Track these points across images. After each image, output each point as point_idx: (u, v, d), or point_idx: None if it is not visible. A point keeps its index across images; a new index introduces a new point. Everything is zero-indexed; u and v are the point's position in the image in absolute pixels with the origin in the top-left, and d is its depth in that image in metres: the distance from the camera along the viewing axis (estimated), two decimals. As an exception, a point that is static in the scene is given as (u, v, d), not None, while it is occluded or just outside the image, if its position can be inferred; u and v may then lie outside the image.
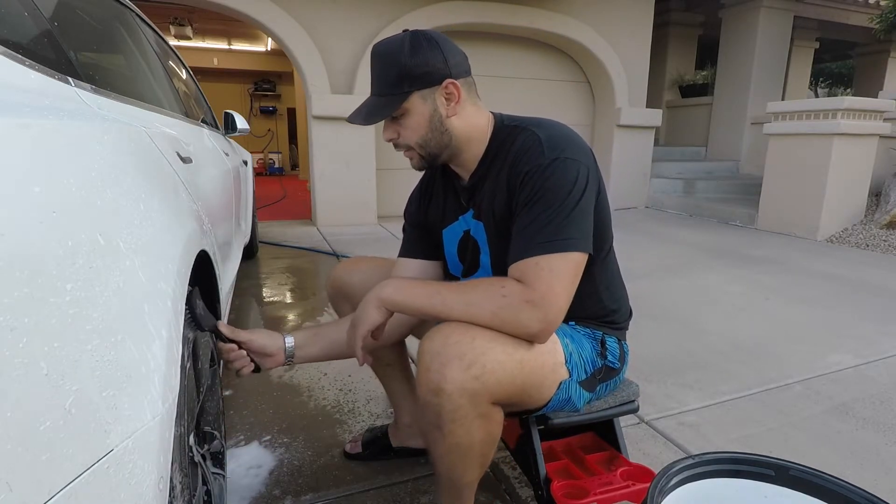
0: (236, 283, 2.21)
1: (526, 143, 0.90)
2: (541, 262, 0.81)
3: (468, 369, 0.79)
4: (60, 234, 0.48)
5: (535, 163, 0.87)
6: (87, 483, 0.43)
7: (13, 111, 0.53)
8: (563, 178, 0.85)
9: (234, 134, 2.67)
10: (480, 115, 0.97)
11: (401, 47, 0.88)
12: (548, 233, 0.83)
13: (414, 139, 0.93)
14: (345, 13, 4.51)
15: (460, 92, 0.91)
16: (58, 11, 0.91)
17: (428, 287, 0.88)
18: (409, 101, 0.90)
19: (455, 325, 0.83)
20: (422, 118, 0.91)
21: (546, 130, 0.91)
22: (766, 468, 0.78)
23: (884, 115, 4.25)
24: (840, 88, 14.13)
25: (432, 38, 0.89)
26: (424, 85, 0.89)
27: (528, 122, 0.96)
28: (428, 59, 0.88)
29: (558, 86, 5.69)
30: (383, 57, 0.90)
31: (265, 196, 7.03)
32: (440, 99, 0.91)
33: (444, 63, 0.89)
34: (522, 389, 0.86)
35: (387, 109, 0.90)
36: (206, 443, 0.98)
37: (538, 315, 0.81)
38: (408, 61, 0.87)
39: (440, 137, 0.93)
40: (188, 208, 0.96)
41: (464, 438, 0.84)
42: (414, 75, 0.88)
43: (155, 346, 0.57)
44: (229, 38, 9.18)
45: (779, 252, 3.74)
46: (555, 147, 0.88)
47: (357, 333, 0.91)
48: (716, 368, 1.88)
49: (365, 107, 0.92)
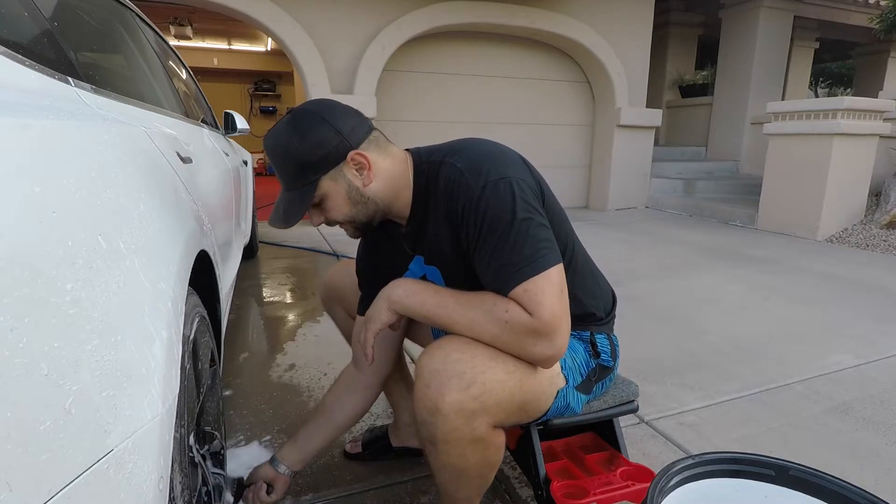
0: (236, 283, 2.21)
1: (449, 178, 0.85)
2: (529, 288, 0.78)
3: (468, 389, 0.78)
4: (60, 234, 0.48)
5: (466, 197, 0.82)
6: (87, 483, 0.43)
7: (13, 111, 0.53)
8: (500, 202, 0.80)
9: (234, 134, 2.67)
10: (397, 163, 0.91)
11: (289, 137, 0.83)
12: (517, 259, 0.79)
13: (340, 217, 0.90)
14: (345, 13, 4.50)
15: (368, 159, 0.86)
16: (58, 11, 0.91)
17: (436, 296, 0.86)
18: (321, 188, 0.86)
19: (456, 342, 0.82)
20: (339, 198, 0.87)
21: (462, 157, 0.86)
22: (766, 468, 0.78)
23: (884, 115, 4.25)
24: (840, 88, 14.12)
25: (314, 113, 0.85)
26: (328, 167, 0.85)
27: (444, 152, 0.90)
28: (319, 139, 0.83)
29: (558, 86, 5.69)
30: (276, 151, 0.85)
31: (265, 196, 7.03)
32: (350, 172, 0.86)
33: (339, 135, 0.84)
34: (521, 407, 0.86)
35: (301, 205, 0.86)
36: (206, 443, 0.98)
37: (545, 343, 0.79)
38: (301, 149, 0.83)
39: (365, 209, 0.89)
40: (188, 208, 0.96)
41: (457, 460, 0.83)
42: (313, 161, 0.84)
43: (155, 346, 0.57)
44: (229, 38, 9.17)
45: (779, 252, 3.74)
46: (478, 173, 0.83)
47: (369, 331, 0.89)
48: (716, 368, 1.88)
49: (281, 206, 0.88)
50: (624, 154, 5.66)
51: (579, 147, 5.92)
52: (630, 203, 5.83)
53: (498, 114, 5.47)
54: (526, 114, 5.58)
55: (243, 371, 1.84)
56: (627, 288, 2.83)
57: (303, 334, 2.19)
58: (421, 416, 0.81)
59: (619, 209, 5.75)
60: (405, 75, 5.06)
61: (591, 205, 5.98)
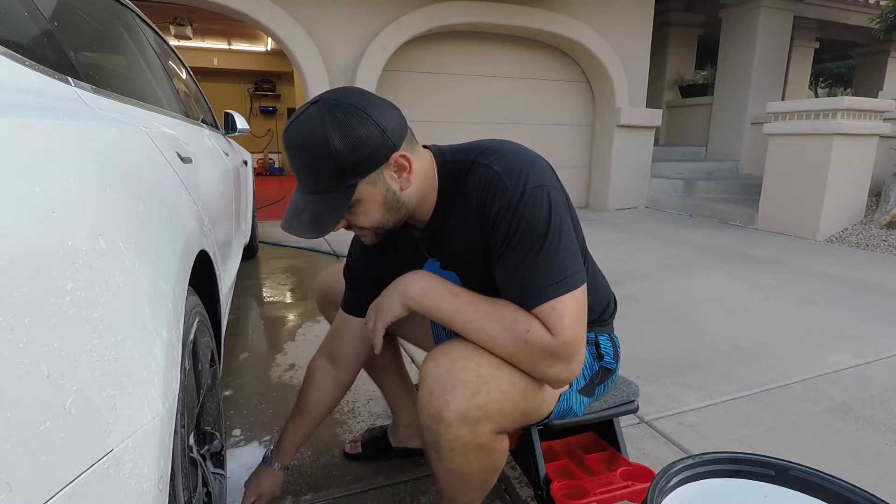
0: (236, 283, 2.21)
1: (486, 179, 0.80)
2: (557, 307, 0.75)
3: (472, 398, 0.77)
4: (60, 234, 0.48)
5: (503, 201, 0.78)
6: (87, 483, 0.43)
7: (13, 111, 0.53)
8: (538, 212, 0.77)
9: (234, 134, 2.67)
10: (426, 164, 0.85)
11: (324, 132, 0.72)
12: (549, 274, 0.76)
13: (369, 224, 0.83)
14: (345, 13, 4.50)
15: (411, 161, 0.79)
16: (58, 11, 0.91)
17: (454, 301, 0.82)
18: (358, 192, 0.77)
19: (462, 349, 0.80)
20: (375, 203, 0.80)
21: (499, 160, 0.81)
22: (766, 468, 0.78)
23: (884, 115, 4.25)
24: (840, 88, 14.12)
25: (355, 106, 0.74)
26: (370, 170, 0.76)
27: (475, 153, 0.84)
28: (364, 138, 0.74)
29: (558, 86, 5.69)
30: (305, 150, 0.75)
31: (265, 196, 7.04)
32: (390, 175, 0.79)
33: (383, 134, 0.75)
34: (524, 413, 0.85)
35: (337, 212, 0.77)
36: (206, 443, 0.98)
37: (561, 366, 0.78)
38: (341, 149, 0.73)
39: (397, 214, 0.83)
40: (188, 208, 0.96)
41: (461, 466, 0.83)
42: (354, 163, 0.74)
43: (155, 346, 0.57)
44: (229, 38, 9.17)
45: (779, 252, 3.74)
46: (517, 177, 0.79)
47: (379, 321, 0.86)
48: (716, 368, 1.88)
49: (305, 212, 0.78)
50: (624, 154, 5.65)
51: (579, 147, 5.92)
52: (630, 203, 5.83)
53: (498, 114, 5.47)
54: (526, 114, 5.58)
55: (243, 371, 1.84)
56: (627, 288, 2.83)
57: (303, 334, 2.19)
58: (425, 422, 0.80)
59: (619, 209, 5.75)
60: (405, 75, 5.06)
61: (591, 205, 5.98)
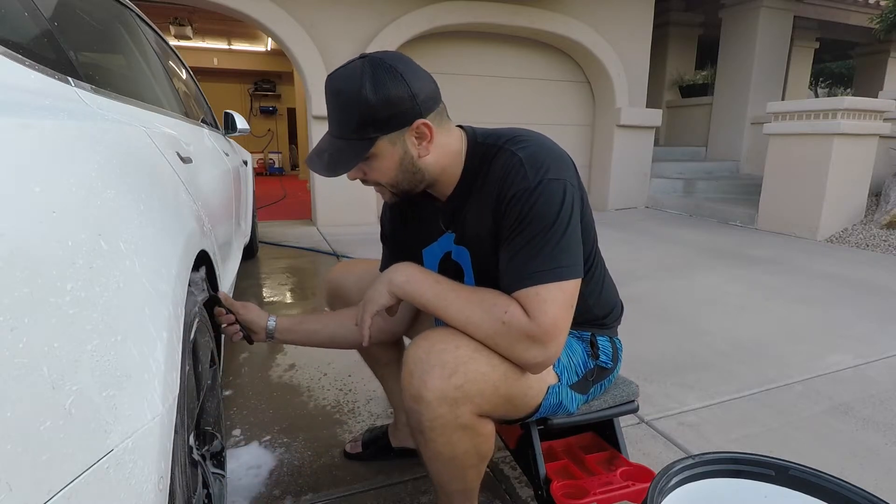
0: (236, 282, 2.21)
1: (508, 165, 0.84)
2: (540, 293, 0.78)
3: (449, 378, 0.78)
4: (60, 234, 0.48)
5: (520, 186, 0.81)
6: (87, 483, 0.43)
7: (13, 111, 0.53)
8: (550, 202, 0.80)
9: (234, 134, 2.68)
10: (453, 141, 0.89)
11: (360, 83, 0.78)
12: (542, 261, 0.79)
13: (383, 180, 0.88)
14: (345, 13, 4.50)
15: (433, 131, 0.83)
16: (58, 11, 0.91)
17: (436, 287, 0.86)
18: (376, 147, 0.82)
19: (442, 333, 0.83)
20: (391, 162, 0.84)
21: (525, 148, 0.85)
22: (766, 468, 0.78)
23: (884, 115, 4.25)
24: (840, 88, 14.13)
25: (394, 68, 0.79)
26: (392, 129, 0.81)
27: (504, 138, 0.88)
28: (393, 97, 0.79)
29: (558, 86, 5.69)
30: (340, 96, 0.80)
31: (265, 196, 7.03)
32: (410, 140, 0.83)
33: (412, 99, 0.80)
34: (507, 399, 0.86)
35: (353, 159, 0.82)
36: (206, 443, 0.98)
37: (537, 350, 0.79)
38: (371, 101, 0.78)
39: (412, 177, 0.87)
40: (188, 208, 0.96)
41: (444, 448, 0.83)
42: (379, 119, 0.79)
43: (155, 346, 0.57)
44: (229, 38, 9.18)
45: (779, 252, 3.74)
46: (538, 167, 0.82)
47: (366, 312, 0.89)
48: (716, 368, 1.88)
49: (326, 152, 0.84)
50: (624, 154, 5.66)
51: (579, 147, 5.92)
52: (630, 203, 5.83)
53: (498, 114, 5.47)
54: (526, 114, 5.58)
55: (243, 371, 1.84)
56: (628, 288, 2.83)
57: (303, 334, 2.19)
58: (407, 404, 0.82)
59: (619, 209, 5.75)
60: (405, 75, 5.06)
61: (592, 205, 5.95)
